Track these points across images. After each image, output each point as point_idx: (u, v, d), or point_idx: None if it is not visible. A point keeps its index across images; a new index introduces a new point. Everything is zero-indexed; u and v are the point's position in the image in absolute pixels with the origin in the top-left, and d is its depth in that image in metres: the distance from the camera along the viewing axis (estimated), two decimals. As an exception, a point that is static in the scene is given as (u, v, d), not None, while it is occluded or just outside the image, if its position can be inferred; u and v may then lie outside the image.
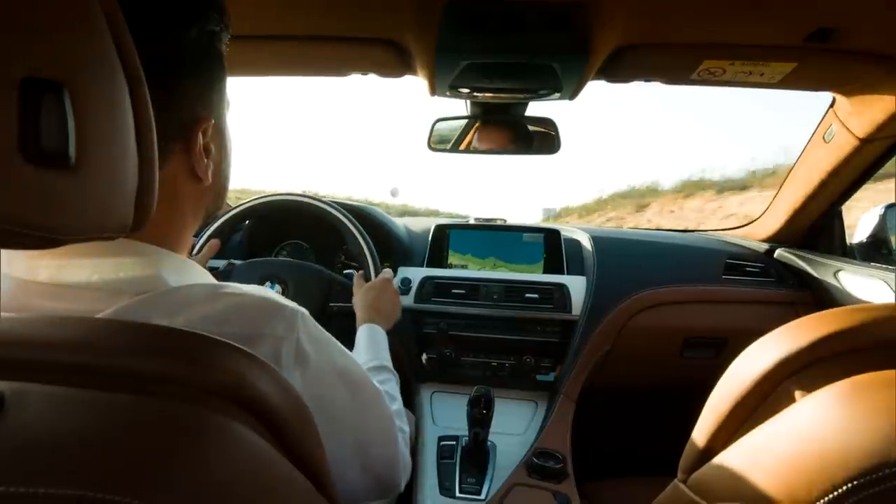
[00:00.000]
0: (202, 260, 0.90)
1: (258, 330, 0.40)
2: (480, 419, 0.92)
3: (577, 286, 1.22)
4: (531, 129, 1.17)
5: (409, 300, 1.23)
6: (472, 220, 1.42)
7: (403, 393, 1.23)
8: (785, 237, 1.32)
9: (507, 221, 1.40)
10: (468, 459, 0.98)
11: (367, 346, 0.77)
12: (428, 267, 1.31)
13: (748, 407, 0.37)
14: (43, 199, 0.23)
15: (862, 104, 1.01)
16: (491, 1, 0.72)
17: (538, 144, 1.17)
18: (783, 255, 1.28)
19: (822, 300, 1.19)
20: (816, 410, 0.30)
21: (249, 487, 0.26)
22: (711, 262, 1.29)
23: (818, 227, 1.27)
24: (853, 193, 1.19)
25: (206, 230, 1.04)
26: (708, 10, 0.74)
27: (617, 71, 0.91)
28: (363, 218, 1.12)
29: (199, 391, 0.29)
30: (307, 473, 0.32)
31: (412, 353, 1.23)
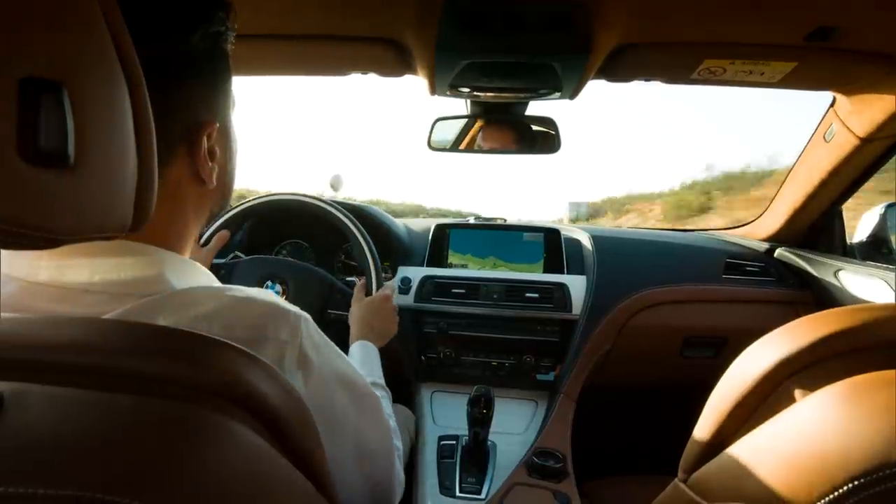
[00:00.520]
0: (211, 251, 0.91)
1: (262, 334, 0.40)
2: (480, 419, 0.92)
3: (577, 285, 1.22)
4: (531, 128, 1.17)
5: (409, 300, 1.23)
6: (472, 219, 1.42)
7: (404, 393, 1.22)
8: (785, 237, 1.32)
9: (507, 221, 1.40)
10: (468, 459, 0.98)
11: (360, 363, 0.78)
12: (428, 266, 1.30)
13: (749, 407, 0.37)
14: (42, 199, 0.23)
15: (862, 103, 1.01)
16: (491, 0, 0.72)
17: (539, 144, 1.17)
18: (783, 254, 1.28)
19: (822, 300, 1.19)
20: (817, 410, 0.30)
21: (249, 487, 0.26)
22: (711, 261, 1.29)
23: (818, 226, 1.27)
24: (853, 193, 1.19)
25: (210, 226, 1.03)
26: (708, 9, 0.74)
27: (617, 70, 0.91)
28: (363, 218, 1.12)
29: (199, 391, 0.29)
30: (307, 473, 0.32)
31: (412, 352, 1.23)
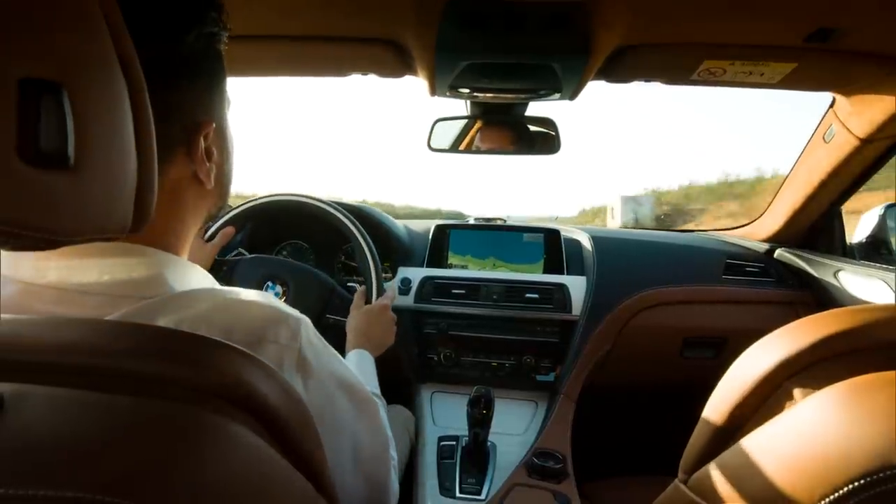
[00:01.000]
0: (215, 247, 0.92)
1: (262, 337, 0.40)
2: (480, 419, 0.92)
3: (577, 286, 1.22)
4: (531, 129, 1.17)
5: (409, 300, 1.23)
6: (472, 219, 1.42)
7: (403, 393, 1.22)
8: (785, 237, 1.32)
9: (506, 221, 1.40)
10: (468, 459, 0.98)
11: (356, 371, 0.79)
12: (428, 267, 1.30)
13: (749, 407, 0.37)
14: (42, 200, 0.23)
15: (862, 104, 1.01)
16: (491, 1, 0.72)
17: (539, 144, 1.17)
18: (783, 255, 1.28)
19: (822, 300, 1.19)
20: (817, 411, 0.30)
21: (249, 488, 0.26)
22: (711, 262, 1.29)
23: (818, 227, 1.27)
24: (853, 194, 1.19)
25: (211, 225, 1.03)
26: (708, 10, 0.74)
27: (617, 71, 0.91)
28: (363, 218, 1.12)
29: (199, 393, 0.29)
30: (307, 474, 0.32)
31: (412, 353, 1.23)
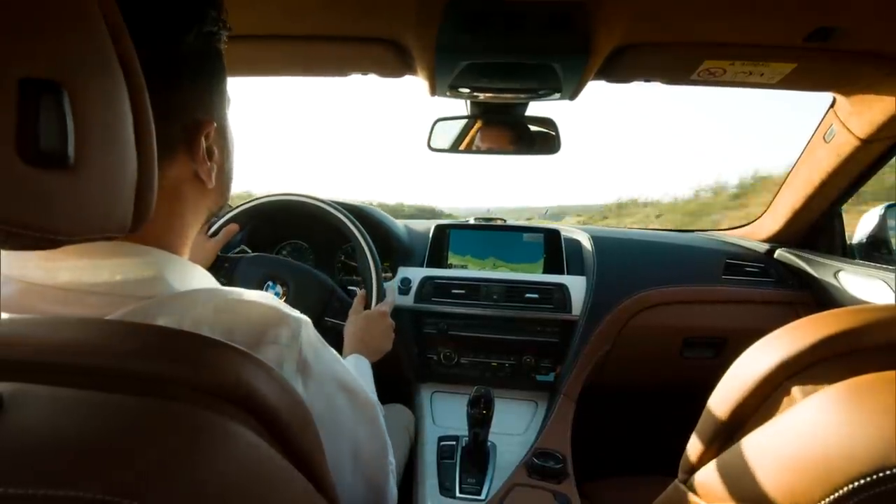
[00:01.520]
0: (218, 243, 0.93)
1: (262, 338, 0.40)
2: (480, 419, 0.92)
3: (577, 286, 1.22)
4: (532, 129, 1.17)
5: (409, 300, 1.23)
6: (472, 220, 1.42)
7: (403, 393, 1.22)
8: (785, 237, 1.32)
9: (506, 221, 1.40)
10: (468, 459, 0.98)
11: None
12: (428, 267, 1.30)
13: (749, 408, 0.37)
14: (42, 199, 0.23)
15: (862, 104, 1.01)
16: (491, 1, 0.72)
17: (539, 144, 1.17)
18: (783, 255, 1.28)
19: (822, 300, 1.19)
20: (817, 412, 0.30)
21: (249, 488, 0.26)
22: (711, 262, 1.29)
23: (818, 227, 1.27)
24: (853, 194, 1.19)
25: (216, 220, 1.03)
26: (708, 10, 0.74)
27: (617, 71, 0.91)
28: (363, 218, 1.12)
29: (199, 392, 0.29)
30: (307, 474, 0.32)
31: (412, 352, 1.23)
